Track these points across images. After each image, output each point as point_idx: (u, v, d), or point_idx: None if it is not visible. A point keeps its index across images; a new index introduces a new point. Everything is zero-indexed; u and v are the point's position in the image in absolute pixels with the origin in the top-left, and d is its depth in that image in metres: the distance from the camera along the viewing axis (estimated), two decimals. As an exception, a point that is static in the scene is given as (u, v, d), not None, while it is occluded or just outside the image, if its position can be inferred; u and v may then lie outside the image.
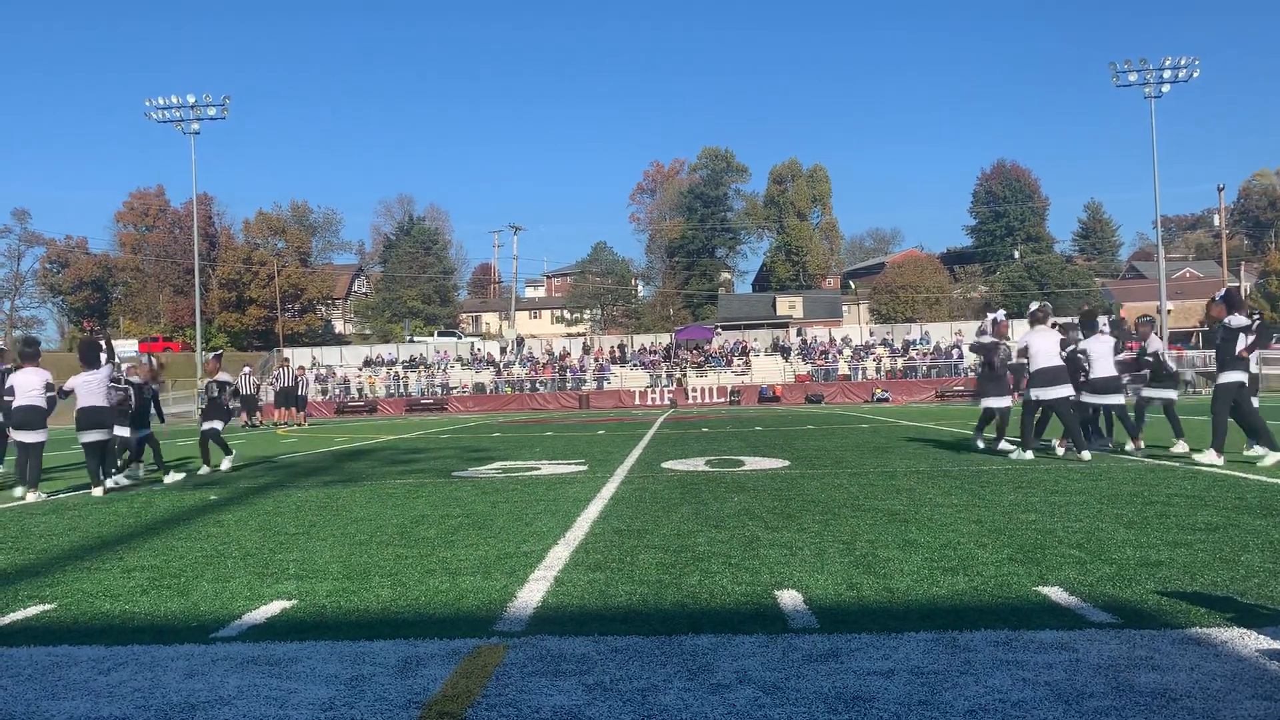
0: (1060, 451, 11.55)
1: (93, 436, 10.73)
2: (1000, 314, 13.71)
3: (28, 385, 10.64)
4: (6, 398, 10.83)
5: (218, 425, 13.48)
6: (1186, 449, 11.29)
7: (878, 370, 49.36)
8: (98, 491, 10.49)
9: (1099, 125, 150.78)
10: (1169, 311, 55.58)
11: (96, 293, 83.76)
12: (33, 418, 10.59)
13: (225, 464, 13.35)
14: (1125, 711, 2.93)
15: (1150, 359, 12.28)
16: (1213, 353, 12.14)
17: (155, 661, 3.76)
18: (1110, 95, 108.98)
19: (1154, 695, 3.06)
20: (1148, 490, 8.07)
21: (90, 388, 10.90)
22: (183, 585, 5.23)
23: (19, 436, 10.60)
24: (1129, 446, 11.82)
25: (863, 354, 51.50)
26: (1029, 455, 11.28)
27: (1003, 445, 12.13)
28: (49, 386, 10.76)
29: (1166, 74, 52.31)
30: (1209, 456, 10.08)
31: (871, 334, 56.30)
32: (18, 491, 10.55)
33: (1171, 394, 12.44)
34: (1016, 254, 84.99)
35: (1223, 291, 10.80)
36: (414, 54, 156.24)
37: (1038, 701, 3.03)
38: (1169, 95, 54.12)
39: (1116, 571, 4.87)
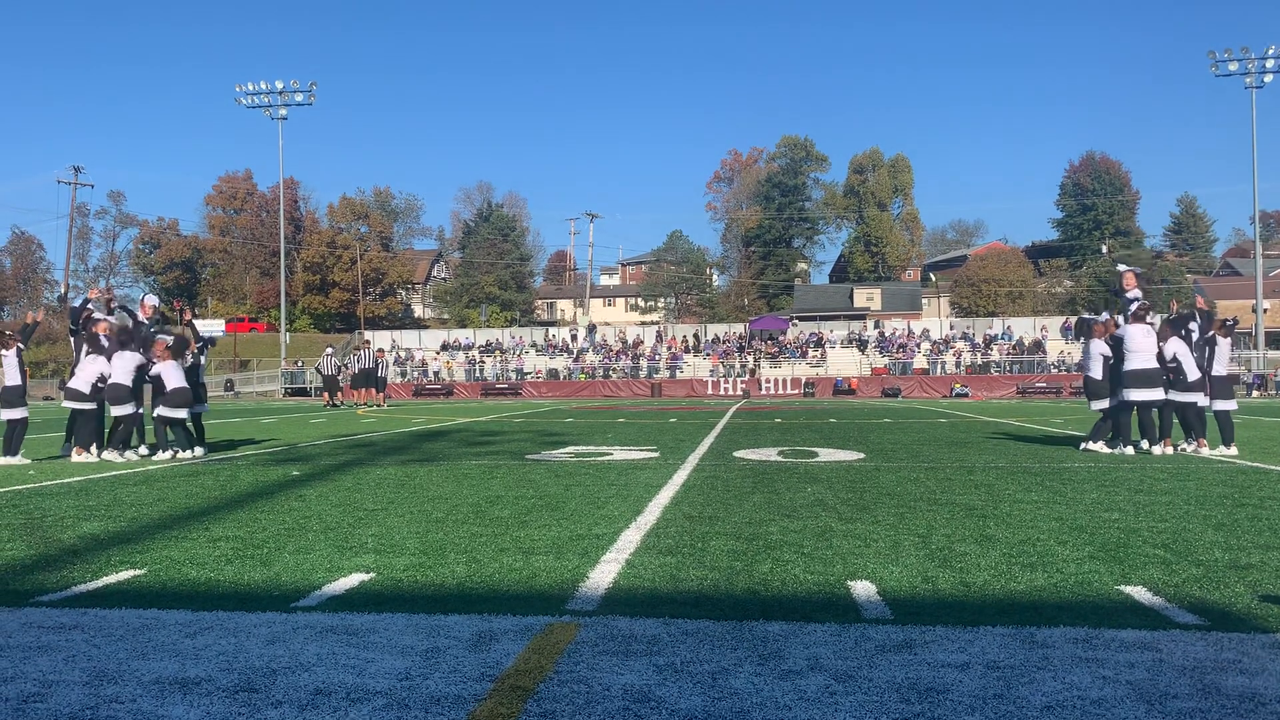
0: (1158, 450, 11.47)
1: (183, 413, 12.18)
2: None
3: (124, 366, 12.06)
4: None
5: (182, 414, 12.11)
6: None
7: (957, 365, 48.51)
8: (197, 451, 12.19)
9: (1195, 116, 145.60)
10: (1265, 310, 53.59)
11: (186, 273, 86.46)
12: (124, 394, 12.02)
13: (186, 453, 12.05)
14: (1211, 714, 2.84)
15: (1172, 364, 11.68)
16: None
17: (239, 627, 3.88)
18: (1208, 85, 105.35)
19: (1241, 699, 2.96)
20: (1239, 492, 7.80)
21: (178, 372, 12.19)
22: (265, 556, 5.38)
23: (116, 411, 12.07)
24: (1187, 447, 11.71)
25: (942, 348, 50.65)
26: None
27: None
28: (141, 369, 12.23)
29: (1270, 63, 50.35)
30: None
31: (952, 328, 55.30)
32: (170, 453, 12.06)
33: (1193, 398, 11.78)
34: (1104, 248, 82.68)
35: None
36: (494, 46, 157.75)
37: (1119, 700, 2.95)
38: (1271, 85, 51.99)
39: (1204, 573, 4.72)
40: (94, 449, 11.93)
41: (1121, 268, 12.53)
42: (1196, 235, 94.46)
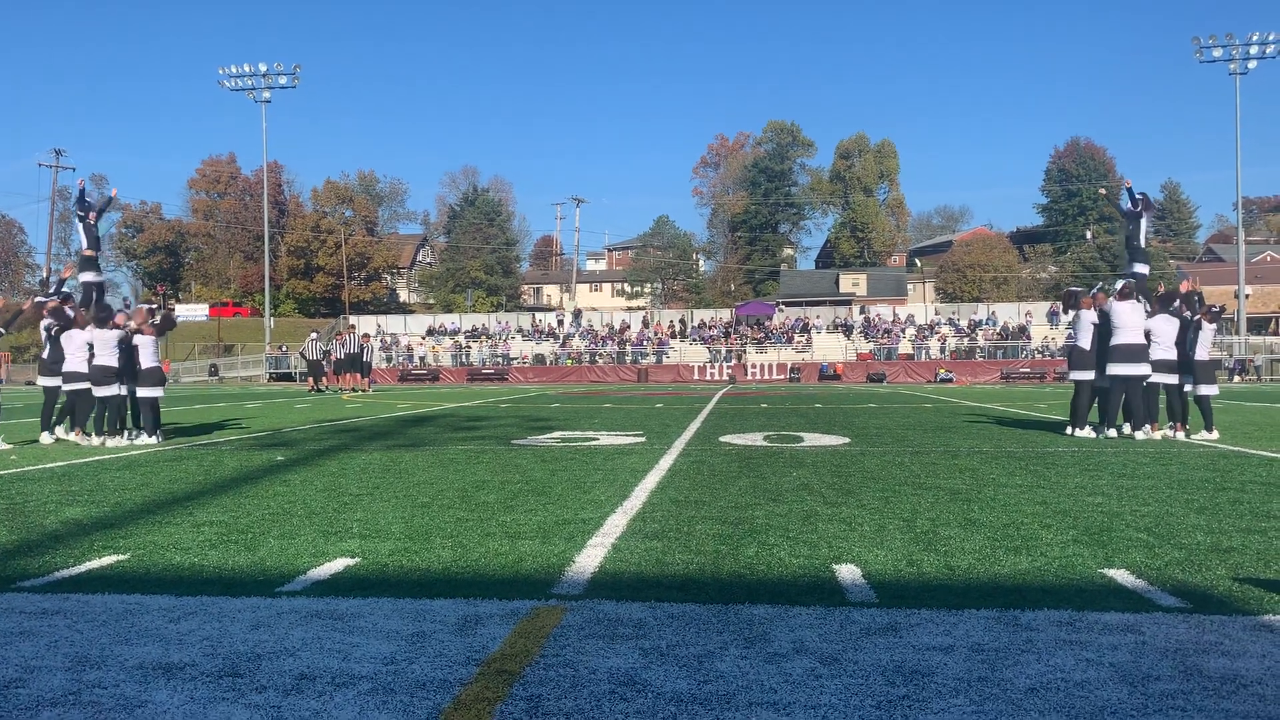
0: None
1: (156, 393, 12.11)
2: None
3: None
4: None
5: (159, 392, 12.10)
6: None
7: (942, 350, 48.67)
8: (154, 439, 11.93)
9: (1179, 103, 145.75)
10: (1248, 296, 53.95)
11: (169, 257, 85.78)
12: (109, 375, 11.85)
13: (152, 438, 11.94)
14: (1192, 695, 2.86)
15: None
16: None
17: (223, 612, 3.86)
18: (1193, 72, 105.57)
19: (1223, 680, 2.98)
20: (1221, 476, 7.86)
21: (154, 349, 12.15)
22: (250, 541, 5.36)
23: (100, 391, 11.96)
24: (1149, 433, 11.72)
25: (927, 333, 50.81)
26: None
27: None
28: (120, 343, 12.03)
29: (1253, 50, 50.56)
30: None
31: (937, 313, 55.46)
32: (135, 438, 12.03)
33: (1168, 380, 11.86)
34: (1088, 234, 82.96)
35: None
36: (480, 26, 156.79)
37: (1101, 682, 2.97)
38: (1255, 72, 52.24)
39: (1186, 556, 4.76)
40: (74, 431, 11.92)
41: (1092, 292, 12.54)
42: (1180, 221, 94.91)
